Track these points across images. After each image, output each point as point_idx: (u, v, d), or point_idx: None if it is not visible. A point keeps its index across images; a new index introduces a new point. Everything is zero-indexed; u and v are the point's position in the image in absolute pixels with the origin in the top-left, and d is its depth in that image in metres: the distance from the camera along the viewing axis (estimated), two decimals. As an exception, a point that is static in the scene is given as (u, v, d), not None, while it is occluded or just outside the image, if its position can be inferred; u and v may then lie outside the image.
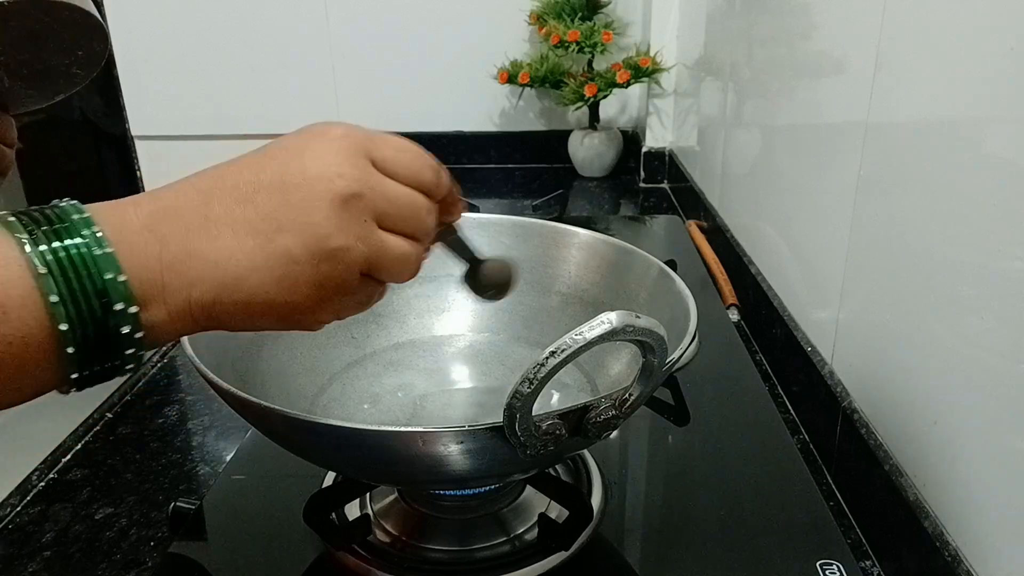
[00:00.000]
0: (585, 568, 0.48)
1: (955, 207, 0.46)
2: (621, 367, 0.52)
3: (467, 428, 0.36)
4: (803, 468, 0.56)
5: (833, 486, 0.61)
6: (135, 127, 1.63)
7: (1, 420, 2.17)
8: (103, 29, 0.44)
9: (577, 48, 1.36)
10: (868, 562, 0.52)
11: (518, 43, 1.53)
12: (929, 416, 0.49)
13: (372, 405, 0.53)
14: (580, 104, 1.41)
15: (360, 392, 0.55)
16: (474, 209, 1.08)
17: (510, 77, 1.44)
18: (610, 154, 1.48)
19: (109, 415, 0.70)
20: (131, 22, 1.53)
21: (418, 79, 1.56)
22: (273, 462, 0.58)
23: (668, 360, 0.38)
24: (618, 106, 1.58)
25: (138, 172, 1.67)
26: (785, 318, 0.75)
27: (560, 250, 0.60)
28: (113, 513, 0.57)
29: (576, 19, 1.39)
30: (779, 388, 0.75)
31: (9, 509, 0.58)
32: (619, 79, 1.35)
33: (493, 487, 0.50)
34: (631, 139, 1.55)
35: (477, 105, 1.58)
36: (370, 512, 0.51)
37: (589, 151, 1.47)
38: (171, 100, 1.59)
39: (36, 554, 0.53)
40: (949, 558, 0.44)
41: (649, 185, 1.45)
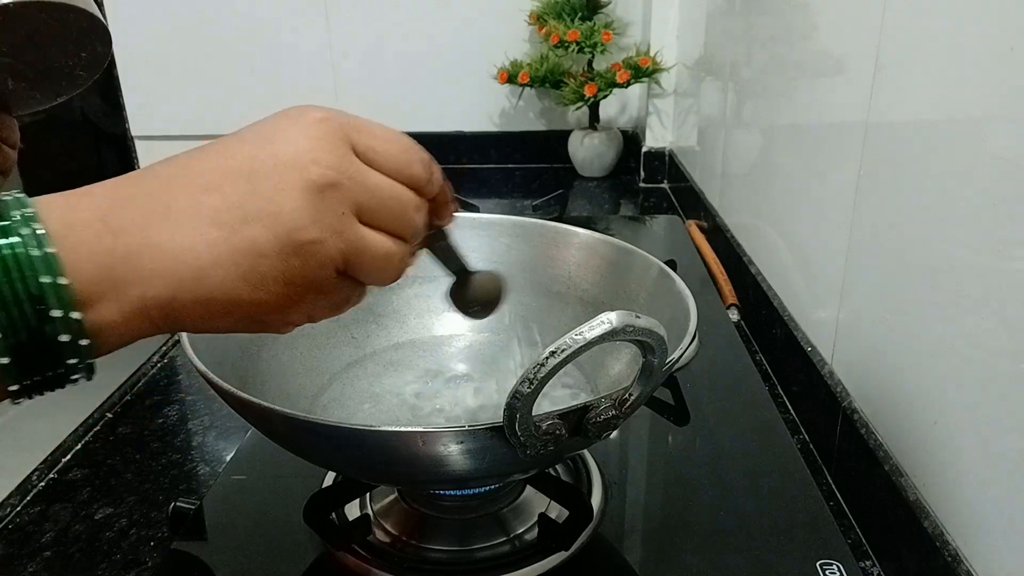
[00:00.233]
0: (585, 568, 0.48)
1: (955, 207, 0.46)
2: (621, 367, 0.52)
3: (467, 428, 0.36)
4: (803, 468, 0.56)
5: (833, 486, 0.61)
6: (135, 127, 1.63)
7: (1, 420, 2.17)
8: (106, 31, 0.44)
9: (577, 48, 1.36)
10: (868, 562, 0.52)
11: (518, 43, 1.53)
12: (929, 416, 0.49)
13: (372, 405, 0.53)
14: (580, 104, 1.41)
15: (360, 392, 0.55)
16: (474, 209, 1.08)
17: (510, 77, 1.44)
18: (610, 154, 1.48)
19: (109, 415, 0.70)
20: (131, 22, 1.53)
21: (418, 79, 1.56)
22: (273, 462, 0.58)
23: (668, 360, 0.38)
24: (618, 106, 1.58)
25: (138, 172, 1.66)
26: (785, 318, 0.75)
27: (560, 250, 0.60)
28: (113, 513, 0.57)
29: (576, 19, 1.39)
30: (779, 388, 0.75)
31: (9, 509, 0.58)
32: (619, 79, 1.35)
33: (493, 487, 0.50)
34: (631, 139, 1.55)
35: (477, 105, 1.58)
36: (370, 512, 0.51)
37: (589, 151, 1.47)
38: (171, 100, 1.59)
39: (36, 554, 0.53)
40: (949, 558, 0.44)
41: (649, 185, 1.45)
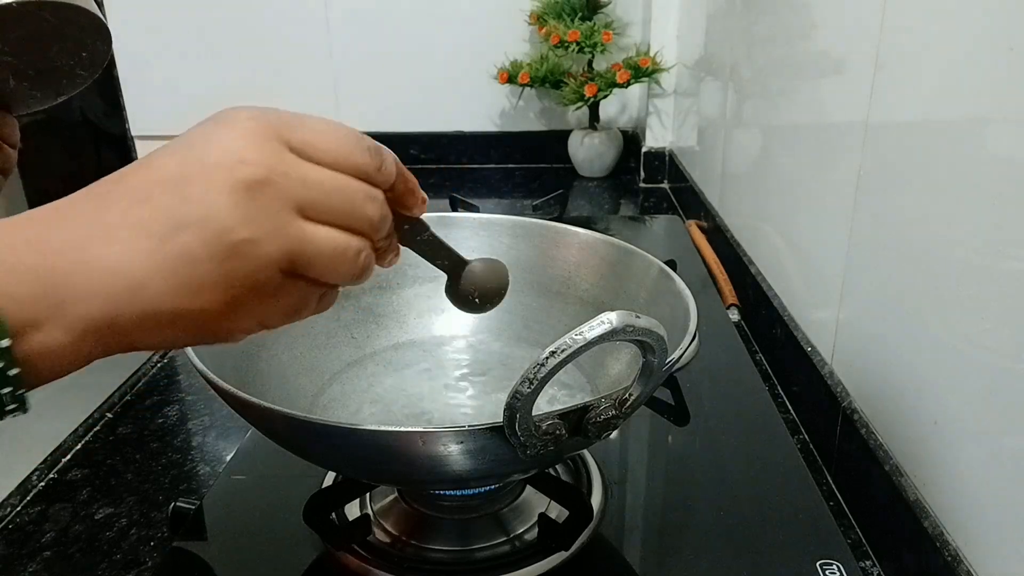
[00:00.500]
0: (585, 568, 0.48)
1: (955, 207, 0.46)
2: (621, 367, 0.52)
3: (467, 428, 0.36)
4: (803, 468, 0.56)
5: (833, 486, 0.61)
6: (135, 127, 1.63)
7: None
8: (107, 30, 0.45)
9: (577, 48, 1.36)
10: (868, 562, 0.52)
11: (518, 43, 1.53)
12: (929, 416, 0.49)
13: (372, 405, 0.53)
14: (580, 104, 1.41)
15: (360, 392, 0.55)
16: (474, 209, 1.08)
17: (510, 77, 1.44)
18: (610, 154, 1.48)
19: (109, 415, 0.70)
20: (131, 21, 1.53)
21: (418, 79, 1.56)
22: (273, 462, 0.58)
23: (668, 360, 0.38)
24: (618, 106, 1.58)
25: (138, 172, 1.66)
26: (785, 318, 0.75)
27: (560, 250, 0.60)
28: (113, 513, 0.57)
29: (576, 19, 1.39)
30: (779, 388, 0.75)
31: (9, 509, 0.58)
32: (619, 79, 1.35)
33: (493, 487, 0.50)
34: (631, 139, 1.55)
35: (477, 105, 1.58)
36: (370, 512, 0.51)
37: (589, 151, 1.47)
38: (171, 100, 1.59)
39: (36, 554, 0.53)
40: (949, 558, 0.44)
41: (649, 185, 1.45)
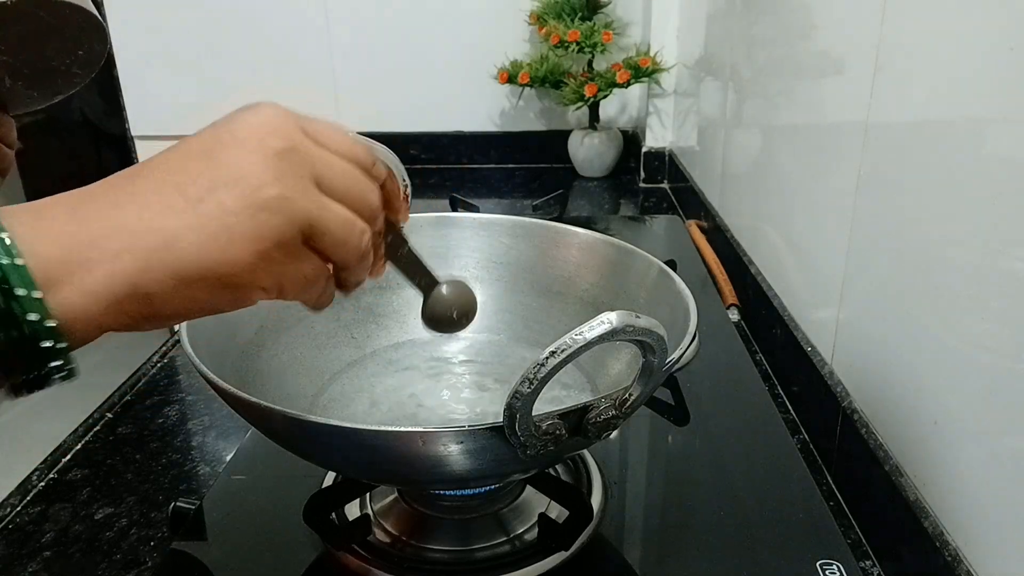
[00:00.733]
0: (585, 568, 0.48)
1: (955, 207, 0.46)
2: (621, 367, 0.52)
3: (467, 428, 0.36)
4: (803, 468, 0.56)
5: (833, 486, 0.61)
6: (135, 127, 1.63)
7: (1, 420, 2.17)
8: (103, 29, 0.45)
9: (577, 48, 1.36)
10: (868, 562, 0.52)
11: (518, 43, 1.53)
12: (929, 416, 0.49)
13: (372, 405, 0.53)
14: (580, 104, 1.41)
15: (360, 392, 0.55)
16: (474, 209, 1.08)
17: (510, 77, 1.44)
18: (610, 154, 1.48)
19: (109, 415, 0.70)
20: (131, 22, 1.53)
21: (418, 79, 1.56)
22: (273, 462, 0.58)
23: (668, 360, 0.38)
24: (618, 106, 1.58)
25: (138, 172, 1.66)
26: (785, 318, 0.75)
27: (560, 250, 0.60)
28: (113, 513, 0.57)
29: (576, 19, 1.39)
30: (779, 388, 0.75)
31: (9, 509, 0.58)
32: (619, 79, 1.35)
33: (493, 487, 0.50)
34: (631, 139, 1.55)
35: (477, 105, 1.58)
36: (370, 512, 0.51)
37: (589, 151, 1.47)
38: (171, 100, 1.59)
39: (36, 554, 0.53)
40: (949, 558, 0.44)
41: (649, 185, 1.45)
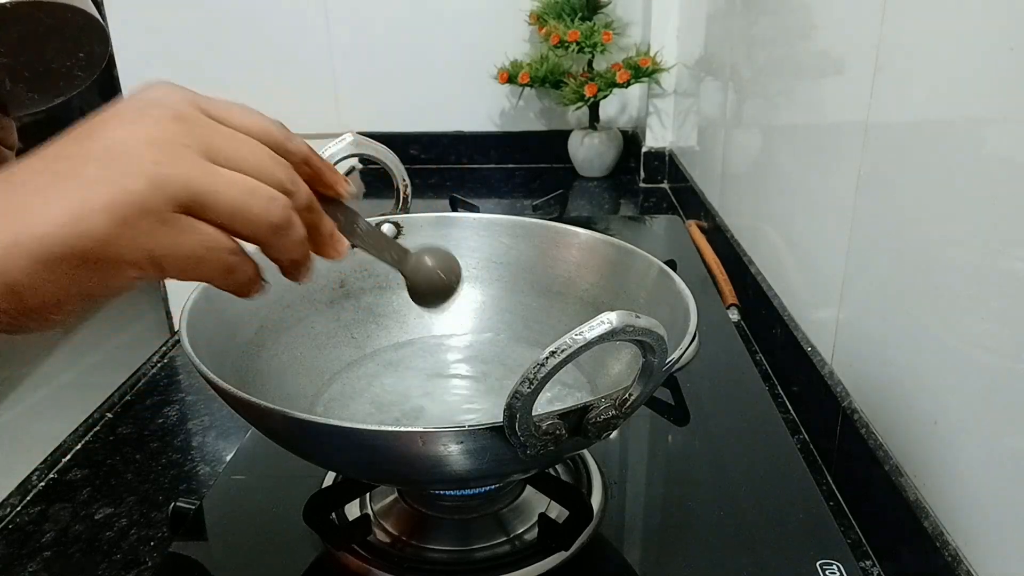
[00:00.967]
0: (585, 568, 0.48)
1: (955, 207, 0.46)
2: (621, 367, 0.52)
3: (467, 428, 0.36)
4: (803, 468, 0.56)
5: (833, 486, 0.61)
6: (135, 127, 1.62)
7: (1, 420, 2.17)
8: (104, 31, 0.44)
9: (577, 48, 1.36)
10: (868, 562, 0.52)
11: (518, 43, 1.53)
12: (929, 416, 0.49)
13: (372, 405, 0.53)
14: (580, 104, 1.41)
15: (360, 392, 0.55)
16: (474, 209, 1.08)
17: (510, 77, 1.44)
18: (610, 154, 1.48)
19: (109, 415, 0.70)
20: (131, 22, 1.53)
21: (418, 79, 1.56)
22: (273, 462, 0.58)
23: (668, 360, 0.38)
24: (618, 106, 1.58)
25: (138, 172, 1.66)
26: (785, 318, 0.75)
27: (560, 250, 0.60)
28: (113, 513, 0.57)
29: (576, 19, 1.39)
30: (779, 388, 0.75)
31: (9, 509, 0.58)
32: (619, 79, 1.35)
33: (493, 487, 0.50)
34: (631, 139, 1.55)
35: (477, 105, 1.58)
36: (370, 512, 0.51)
37: (589, 151, 1.47)
38: (171, 100, 1.59)
39: (36, 554, 0.53)
40: (949, 558, 0.44)
41: (649, 185, 1.45)
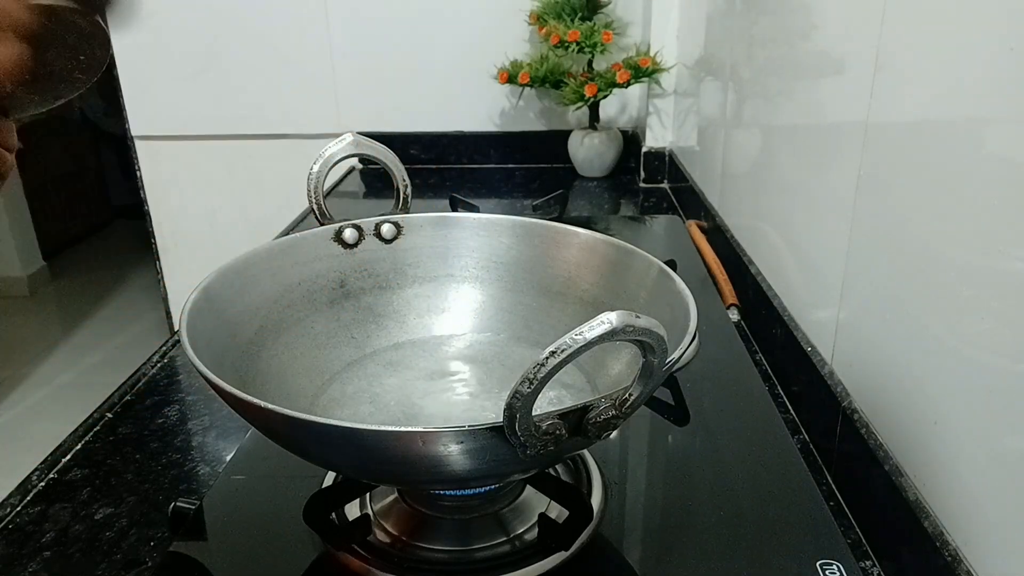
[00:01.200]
0: (585, 568, 0.48)
1: (955, 207, 0.46)
2: (621, 367, 0.52)
3: (467, 428, 0.36)
4: (803, 468, 0.56)
5: (833, 486, 0.61)
6: (135, 127, 1.63)
7: (1, 420, 2.17)
8: (106, 36, 0.44)
9: (577, 48, 1.36)
10: (868, 562, 0.52)
11: (518, 43, 1.53)
12: (929, 416, 0.49)
13: (372, 405, 0.53)
14: (580, 104, 1.41)
15: (360, 392, 0.55)
16: (474, 209, 1.08)
17: (510, 77, 1.44)
18: (610, 154, 1.48)
19: (109, 415, 0.70)
20: (131, 22, 1.53)
21: (418, 79, 1.56)
22: (273, 462, 0.58)
23: (668, 360, 0.38)
24: (618, 106, 1.58)
25: (138, 172, 1.67)
26: (785, 318, 0.75)
27: (560, 250, 0.60)
28: (113, 513, 0.57)
29: (576, 19, 1.39)
30: (779, 388, 0.75)
31: (9, 509, 0.58)
32: (619, 79, 1.35)
33: (493, 487, 0.50)
34: (631, 139, 1.55)
35: (477, 105, 1.58)
36: (370, 512, 0.51)
37: (589, 151, 1.47)
38: (171, 100, 1.59)
39: (36, 554, 0.53)
40: (949, 558, 0.44)
41: (649, 185, 1.45)
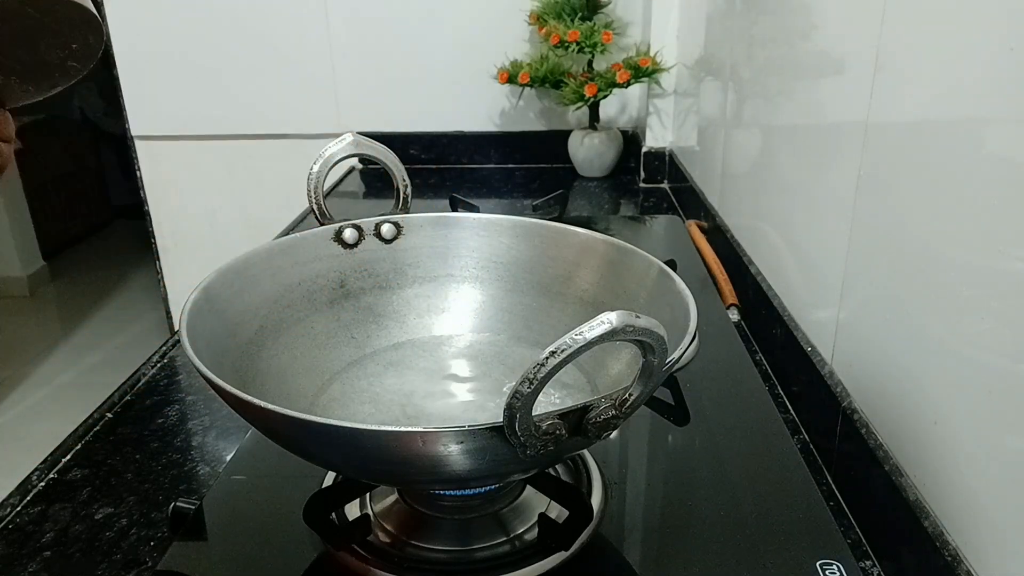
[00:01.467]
0: (585, 568, 0.48)
1: (955, 207, 0.46)
2: (621, 367, 0.52)
3: (467, 428, 0.36)
4: (803, 468, 0.56)
5: (833, 486, 0.61)
6: (135, 127, 1.63)
7: (1, 420, 2.18)
8: (97, 22, 0.44)
9: (577, 48, 1.36)
10: (868, 562, 0.52)
11: (518, 43, 1.53)
12: (929, 416, 0.49)
13: (372, 405, 0.53)
14: (580, 104, 1.41)
15: (360, 392, 0.55)
16: (474, 209, 1.08)
17: (510, 77, 1.44)
18: (610, 154, 1.48)
19: (109, 415, 0.70)
20: (131, 22, 1.53)
21: (418, 79, 1.56)
22: (273, 462, 0.58)
23: (668, 360, 0.38)
24: (618, 106, 1.58)
25: (138, 172, 1.67)
26: (785, 318, 0.75)
27: (560, 250, 0.60)
28: (113, 513, 0.57)
29: (576, 19, 1.39)
30: (779, 388, 0.75)
31: (9, 509, 0.58)
32: (619, 79, 1.35)
33: (493, 487, 0.50)
34: (631, 139, 1.55)
35: (477, 105, 1.58)
36: (370, 512, 0.51)
37: (589, 151, 1.47)
38: (171, 100, 1.59)
39: (36, 554, 0.53)
40: (949, 558, 0.44)
41: (649, 185, 1.45)
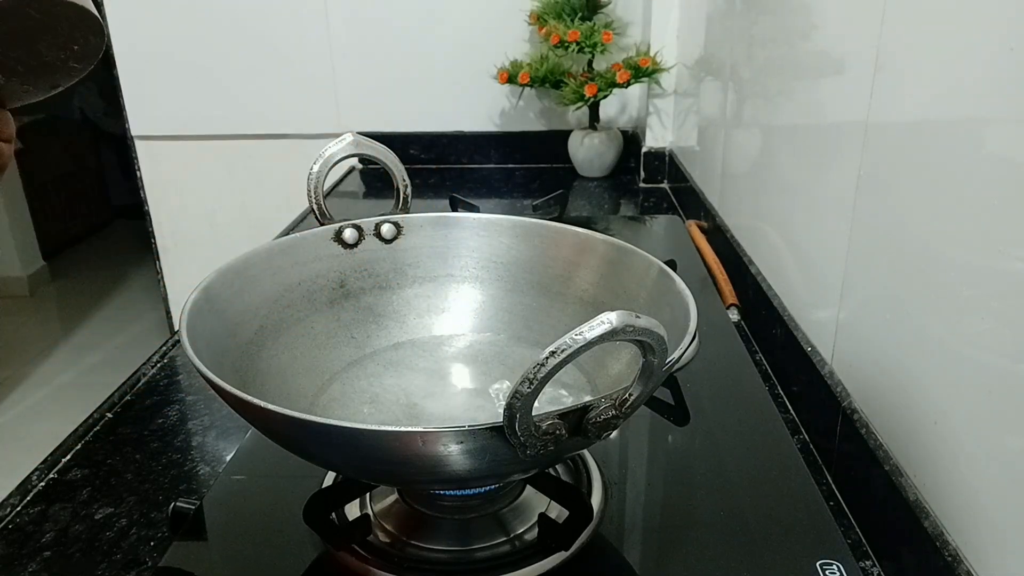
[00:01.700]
0: (585, 568, 0.48)
1: (955, 207, 0.46)
2: (621, 367, 0.52)
3: (467, 428, 0.36)
4: (803, 468, 0.56)
5: (833, 486, 0.61)
6: (135, 127, 1.63)
7: (1, 420, 2.17)
8: (98, 22, 0.44)
9: (577, 48, 1.36)
10: (868, 562, 0.52)
11: (518, 43, 1.53)
12: (929, 416, 0.49)
13: (372, 405, 0.53)
14: (580, 104, 1.41)
15: (360, 392, 0.55)
16: (474, 209, 1.08)
17: (510, 77, 1.44)
18: (610, 154, 1.48)
19: (109, 415, 0.70)
20: (131, 22, 1.53)
21: (418, 79, 1.56)
22: (273, 462, 0.58)
23: (668, 360, 0.38)
24: (618, 106, 1.58)
25: (138, 172, 1.67)
26: (785, 318, 0.75)
27: (560, 250, 0.60)
28: (113, 513, 0.57)
29: (576, 19, 1.39)
30: (779, 388, 0.75)
31: (9, 509, 0.58)
32: (619, 79, 1.35)
33: (493, 487, 0.50)
34: (631, 139, 1.55)
35: (477, 105, 1.58)
36: (370, 512, 0.51)
37: (589, 151, 1.47)
38: (171, 100, 1.59)
39: (36, 554, 0.53)
40: (949, 558, 0.44)
41: (649, 185, 1.45)
